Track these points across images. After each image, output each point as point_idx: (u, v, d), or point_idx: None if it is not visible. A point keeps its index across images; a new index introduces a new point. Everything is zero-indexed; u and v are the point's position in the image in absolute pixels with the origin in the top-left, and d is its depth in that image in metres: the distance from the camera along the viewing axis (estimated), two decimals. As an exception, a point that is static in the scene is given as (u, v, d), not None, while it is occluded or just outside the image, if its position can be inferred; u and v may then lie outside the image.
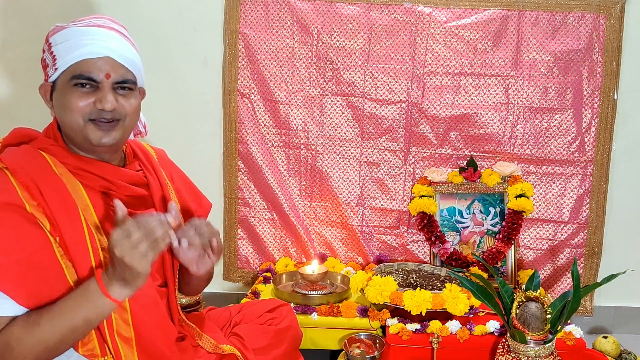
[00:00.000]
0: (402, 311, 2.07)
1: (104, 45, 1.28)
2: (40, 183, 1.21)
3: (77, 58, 1.26)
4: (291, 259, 2.62)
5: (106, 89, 1.27)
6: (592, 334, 2.51)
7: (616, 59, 2.42)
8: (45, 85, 1.32)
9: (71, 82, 1.26)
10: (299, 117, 2.56)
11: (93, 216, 1.26)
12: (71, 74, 1.26)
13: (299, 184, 2.62)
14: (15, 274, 1.14)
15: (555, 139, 2.51)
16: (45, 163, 1.26)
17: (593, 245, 2.54)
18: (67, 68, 1.27)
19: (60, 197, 1.22)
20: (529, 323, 1.74)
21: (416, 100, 2.51)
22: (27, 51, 2.49)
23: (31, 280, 1.15)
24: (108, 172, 1.32)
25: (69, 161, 1.28)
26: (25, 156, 1.26)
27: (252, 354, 1.54)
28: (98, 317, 1.18)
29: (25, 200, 1.18)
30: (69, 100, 1.26)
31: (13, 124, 1.39)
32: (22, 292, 1.14)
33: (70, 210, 1.23)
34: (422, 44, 2.47)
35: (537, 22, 2.43)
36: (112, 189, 1.32)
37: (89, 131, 1.27)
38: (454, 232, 2.55)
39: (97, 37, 1.29)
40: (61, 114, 1.29)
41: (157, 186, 1.43)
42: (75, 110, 1.26)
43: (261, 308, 1.75)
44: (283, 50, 2.51)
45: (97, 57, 1.27)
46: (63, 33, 1.30)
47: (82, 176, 1.28)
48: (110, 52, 1.28)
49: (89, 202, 1.26)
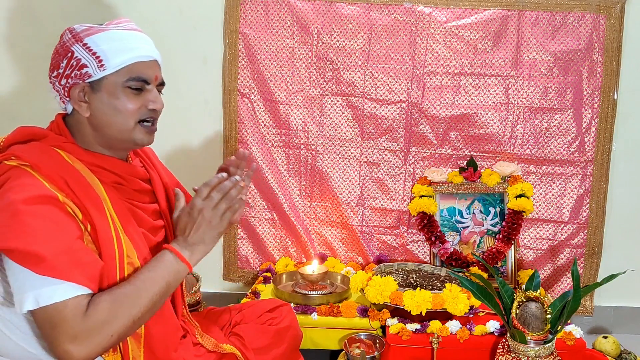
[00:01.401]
0: (402, 311, 2.07)
1: (151, 49, 1.37)
2: (65, 176, 1.23)
3: (131, 60, 1.31)
4: (291, 259, 2.62)
5: (155, 90, 1.37)
6: (592, 334, 2.51)
7: (616, 59, 2.42)
8: (81, 85, 1.32)
9: (125, 84, 1.31)
10: (299, 117, 2.56)
11: (110, 208, 1.29)
12: (126, 76, 1.31)
13: (299, 184, 2.62)
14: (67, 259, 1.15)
15: (555, 139, 2.50)
16: (62, 159, 1.28)
17: (593, 245, 2.54)
18: (119, 69, 1.30)
19: (84, 188, 1.25)
20: (529, 323, 1.74)
21: (416, 100, 2.51)
22: (27, 50, 2.49)
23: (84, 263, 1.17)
24: (119, 168, 1.37)
25: (84, 157, 1.31)
26: (42, 153, 1.27)
27: (252, 353, 1.55)
28: (176, 282, 1.31)
29: (56, 191, 1.20)
30: (123, 103, 1.31)
31: (14, 123, 1.39)
32: (78, 275, 1.15)
33: (96, 202, 1.26)
34: (422, 44, 2.47)
35: (537, 22, 2.43)
36: (123, 183, 1.37)
37: (137, 132, 1.34)
38: (454, 232, 2.55)
39: (143, 41, 1.37)
40: (109, 115, 1.31)
41: (158, 181, 1.49)
42: (128, 112, 1.32)
43: (261, 308, 1.75)
44: (283, 50, 2.51)
45: (149, 60, 1.35)
46: (105, 35, 1.31)
47: (96, 171, 1.31)
48: (155, 56, 1.38)
49: (106, 195, 1.29)
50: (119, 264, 1.25)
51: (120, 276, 1.25)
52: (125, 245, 1.27)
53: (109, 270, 1.23)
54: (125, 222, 1.31)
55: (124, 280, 1.24)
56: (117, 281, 1.24)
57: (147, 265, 1.28)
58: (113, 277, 1.24)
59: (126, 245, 1.28)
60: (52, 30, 2.61)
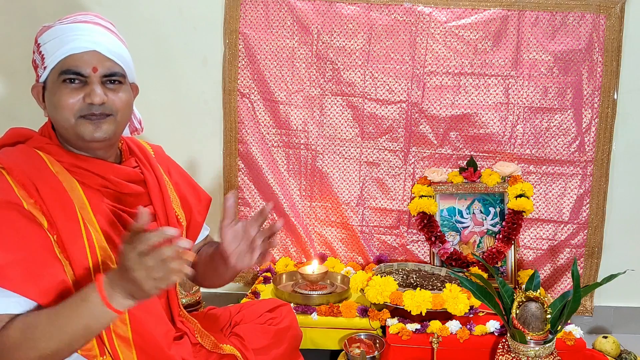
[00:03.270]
0: (402, 311, 2.07)
1: (90, 39, 1.28)
2: (37, 181, 1.21)
3: (64, 54, 1.26)
4: (291, 259, 2.62)
5: (94, 82, 1.27)
6: (592, 334, 2.51)
7: (616, 59, 2.42)
8: (37, 86, 1.32)
9: (59, 79, 1.26)
10: (299, 117, 2.56)
11: (90, 214, 1.25)
12: (59, 70, 1.26)
13: (299, 184, 2.62)
14: (21, 270, 1.13)
15: (555, 139, 2.50)
16: (41, 162, 1.25)
17: (593, 245, 2.54)
18: (54, 65, 1.27)
19: (57, 195, 1.22)
20: (529, 323, 1.74)
21: (416, 100, 2.51)
22: (27, 51, 2.48)
23: (38, 277, 1.15)
24: (104, 169, 1.31)
25: (65, 159, 1.28)
26: (21, 155, 1.26)
27: (252, 354, 1.54)
28: (99, 326, 1.14)
29: (23, 198, 1.18)
30: (59, 98, 1.26)
31: (13, 124, 1.39)
32: (30, 288, 1.13)
33: (67, 208, 1.22)
34: (422, 44, 2.47)
35: (537, 22, 2.43)
36: (109, 186, 1.32)
37: (81, 127, 1.26)
38: (454, 232, 2.55)
39: (83, 32, 1.29)
40: (53, 113, 1.29)
41: (154, 183, 1.43)
42: (66, 107, 1.26)
43: (261, 308, 1.75)
44: (283, 50, 2.51)
45: (83, 52, 1.27)
46: (50, 32, 1.30)
47: (79, 174, 1.28)
48: (96, 46, 1.28)
49: (86, 199, 1.26)
50: (94, 272, 1.21)
51: None
52: (100, 252, 1.23)
53: (84, 280, 1.19)
54: (108, 227, 1.26)
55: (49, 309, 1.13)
56: None
57: (71, 299, 1.13)
58: None
59: (102, 253, 1.23)
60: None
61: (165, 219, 1.43)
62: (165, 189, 1.46)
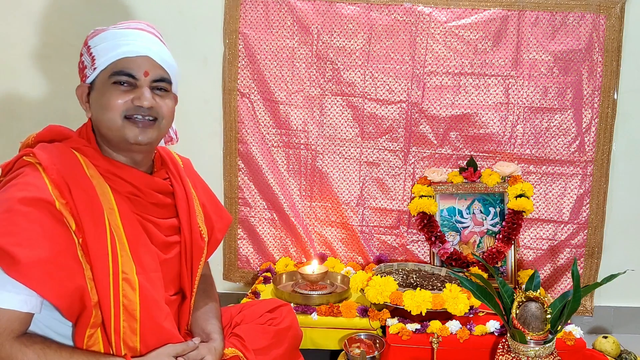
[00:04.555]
0: (402, 311, 2.07)
1: (143, 45, 1.32)
2: (71, 182, 1.23)
3: (117, 56, 1.29)
4: (291, 259, 2.62)
5: (144, 86, 1.31)
6: (592, 334, 2.51)
7: (616, 59, 2.42)
8: (83, 87, 1.34)
9: (110, 80, 1.29)
10: (299, 117, 2.56)
11: (117, 220, 1.27)
12: (111, 71, 1.29)
13: (299, 184, 2.62)
14: (41, 269, 1.14)
15: (555, 139, 2.51)
16: (77, 163, 1.27)
17: (593, 245, 2.54)
18: (106, 67, 1.29)
19: (88, 198, 1.24)
20: (529, 323, 1.74)
21: (416, 100, 2.51)
22: (27, 50, 2.49)
23: (56, 278, 1.16)
24: (136, 179, 1.34)
25: (101, 163, 1.30)
26: (58, 154, 1.27)
27: (253, 354, 1.54)
28: None
29: (56, 197, 1.19)
30: (108, 99, 1.28)
31: (14, 123, 1.40)
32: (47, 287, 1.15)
33: (96, 213, 1.24)
34: (422, 44, 2.47)
35: (537, 22, 2.43)
36: (139, 195, 1.34)
37: (126, 129, 1.29)
38: (454, 232, 2.55)
39: (137, 38, 1.33)
40: (99, 113, 1.31)
41: (182, 195, 1.45)
42: (114, 107, 1.28)
43: (261, 308, 1.75)
44: (283, 50, 2.51)
45: (136, 56, 1.30)
46: (102, 35, 1.32)
47: (111, 180, 1.30)
48: (149, 52, 1.32)
49: (116, 206, 1.27)
50: (113, 279, 1.23)
51: (115, 292, 1.23)
52: (121, 260, 1.25)
53: (102, 286, 1.21)
54: (133, 235, 1.28)
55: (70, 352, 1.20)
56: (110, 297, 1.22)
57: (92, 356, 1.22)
58: (106, 292, 1.22)
59: (123, 261, 1.25)
60: (52, 30, 2.61)
61: (189, 232, 1.45)
62: (192, 203, 1.48)
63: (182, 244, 1.43)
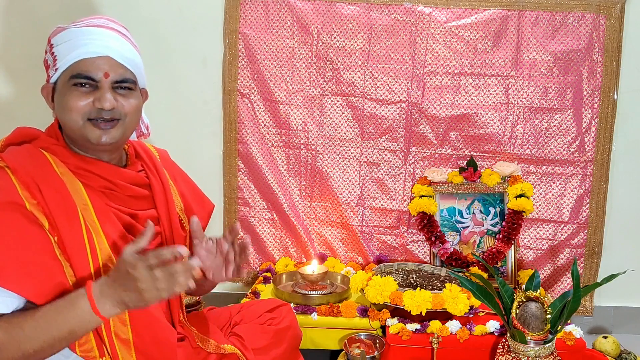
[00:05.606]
0: (402, 311, 2.07)
1: (103, 44, 1.28)
2: (40, 182, 1.21)
3: (76, 58, 1.26)
4: (291, 259, 2.62)
5: (105, 88, 1.27)
6: (592, 334, 2.51)
7: (616, 59, 2.42)
8: (47, 87, 1.33)
9: (70, 82, 1.27)
10: (299, 117, 2.56)
11: (92, 216, 1.26)
12: (70, 74, 1.27)
13: (299, 184, 2.62)
14: (18, 269, 1.14)
15: (555, 139, 2.51)
16: (46, 162, 1.26)
17: (593, 245, 2.54)
18: (66, 68, 1.27)
19: (59, 196, 1.22)
20: (529, 323, 1.74)
21: (416, 100, 2.51)
22: (27, 51, 2.49)
23: (35, 277, 1.15)
24: (109, 172, 1.32)
25: (70, 161, 1.28)
26: (26, 155, 1.26)
27: (252, 353, 1.54)
28: (83, 332, 1.17)
29: (25, 198, 1.18)
30: (68, 100, 1.26)
31: (14, 124, 1.39)
32: (26, 287, 1.14)
33: (69, 210, 1.23)
34: (422, 44, 2.47)
35: (537, 22, 2.43)
36: (113, 189, 1.32)
37: (88, 131, 1.27)
38: (454, 232, 2.55)
39: (96, 36, 1.29)
40: (61, 114, 1.29)
41: (159, 187, 1.43)
42: (74, 110, 1.26)
43: (261, 308, 1.75)
44: (283, 50, 2.51)
45: (95, 57, 1.27)
46: (63, 34, 1.30)
47: (83, 176, 1.28)
48: (109, 52, 1.28)
49: (89, 201, 1.26)
50: (95, 273, 1.22)
51: None
52: (101, 254, 1.24)
53: (84, 281, 1.19)
54: (110, 229, 1.27)
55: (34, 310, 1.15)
56: None
57: (58, 302, 1.15)
58: None
59: (103, 255, 1.24)
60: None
61: (169, 223, 1.44)
62: (170, 193, 1.46)
63: (162, 234, 1.42)
